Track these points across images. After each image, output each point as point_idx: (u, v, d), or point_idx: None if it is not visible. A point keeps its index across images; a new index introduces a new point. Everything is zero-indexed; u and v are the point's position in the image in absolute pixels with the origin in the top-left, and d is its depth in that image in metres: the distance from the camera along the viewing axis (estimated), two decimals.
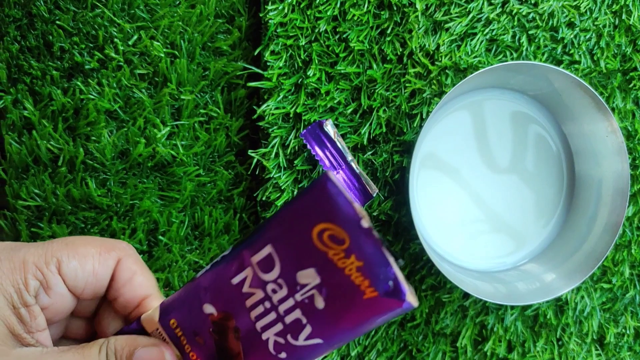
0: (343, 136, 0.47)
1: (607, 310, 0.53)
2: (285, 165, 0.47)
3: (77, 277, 0.27)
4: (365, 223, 0.20)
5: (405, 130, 0.48)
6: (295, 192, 0.47)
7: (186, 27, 0.46)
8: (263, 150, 0.47)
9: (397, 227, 0.49)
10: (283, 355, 0.24)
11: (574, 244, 0.48)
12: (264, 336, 0.24)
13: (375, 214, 0.48)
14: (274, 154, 0.47)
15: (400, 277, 0.20)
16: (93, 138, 0.45)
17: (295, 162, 0.47)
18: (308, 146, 0.46)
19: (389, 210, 0.48)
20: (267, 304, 0.24)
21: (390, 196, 0.48)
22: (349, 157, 0.47)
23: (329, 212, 0.21)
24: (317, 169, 0.47)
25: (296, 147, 0.47)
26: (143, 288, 0.29)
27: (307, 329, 0.23)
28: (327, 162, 0.46)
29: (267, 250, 0.23)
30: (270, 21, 0.46)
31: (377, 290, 0.20)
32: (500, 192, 0.49)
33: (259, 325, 0.24)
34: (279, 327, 0.24)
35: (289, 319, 0.23)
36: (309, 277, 0.22)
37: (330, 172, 0.21)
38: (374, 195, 0.47)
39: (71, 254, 0.27)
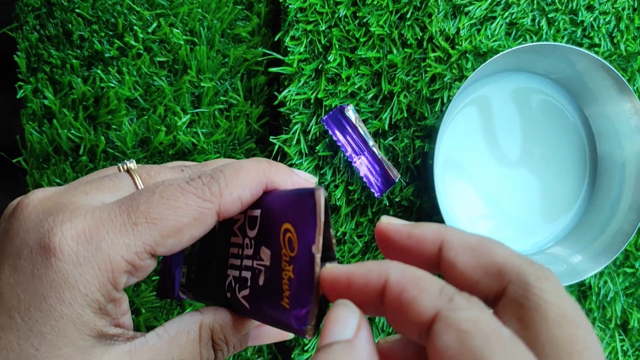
0: (364, 121, 0.47)
1: (630, 295, 0.53)
2: (307, 152, 0.47)
3: (175, 249, 0.24)
4: (315, 251, 0.21)
5: (426, 115, 0.48)
6: (317, 184, 0.47)
7: (205, 14, 0.46)
8: (284, 136, 0.46)
9: (420, 213, 0.48)
10: (228, 295, 0.26)
11: (599, 225, 0.47)
12: (228, 272, 0.27)
13: (397, 199, 0.48)
14: (295, 140, 0.46)
15: (313, 312, 0.21)
16: (114, 126, 0.45)
17: (317, 148, 0.47)
18: (329, 132, 0.46)
19: (411, 196, 0.48)
20: (239, 251, 0.26)
21: (412, 182, 0.48)
22: (371, 143, 0.46)
23: (298, 220, 0.22)
24: (339, 154, 0.47)
25: (317, 133, 0.47)
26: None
27: (246, 291, 0.25)
28: (348, 148, 0.46)
29: (257, 213, 0.25)
30: (290, 6, 0.45)
31: (290, 306, 0.22)
32: (524, 176, 0.49)
33: (229, 261, 0.27)
34: (236, 273, 0.26)
35: (243, 273, 0.25)
36: (265, 255, 0.24)
37: (323, 192, 0.22)
38: (396, 180, 0.47)
39: (164, 234, 0.23)
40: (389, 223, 0.22)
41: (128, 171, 0.27)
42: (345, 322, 0.20)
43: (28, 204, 0.24)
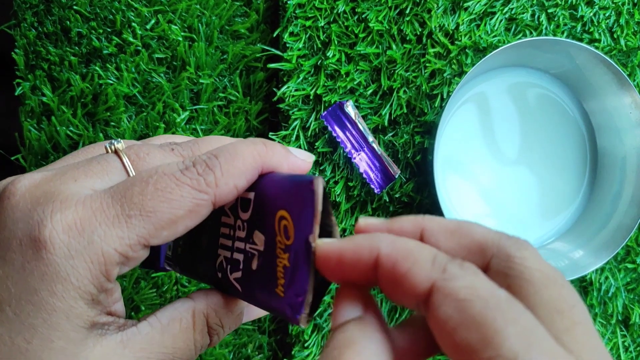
0: (364, 117, 0.47)
1: (632, 291, 0.52)
2: (306, 148, 0.46)
3: (168, 240, 0.23)
4: (312, 240, 0.21)
5: (426, 111, 0.48)
6: (316, 174, 0.47)
7: (204, 10, 0.46)
8: (284, 132, 0.46)
9: (420, 209, 0.48)
10: (219, 275, 0.26)
11: (600, 220, 0.47)
12: (219, 251, 0.27)
13: (397, 195, 0.48)
14: (294, 136, 0.46)
15: (308, 300, 0.21)
16: (112, 123, 0.45)
17: (316, 144, 0.46)
18: (329, 128, 0.46)
19: (411, 192, 0.48)
20: (230, 231, 0.26)
21: (412, 178, 0.48)
22: (370, 139, 0.46)
23: (295, 209, 0.22)
24: (338, 150, 0.47)
25: (317, 129, 0.46)
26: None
27: (238, 274, 0.25)
28: (348, 144, 0.46)
29: (250, 196, 0.25)
30: (289, 2, 0.45)
31: (285, 294, 0.22)
32: (524, 171, 0.49)
33: (220, 240, 0.27)
34: (227, 253, 0.26)
35: (235, 255, 0.25)
36: (259, 240, 0.24)
37: (321, 181, 0.21)
38: (396, 176, 0.46)
39: (158, 227, 0.22)
40: (367, 222, 0.23)
41: (116, 152, 0.26)
42: (354, 302, 0.20)
43: (15, 192, 0.23)
